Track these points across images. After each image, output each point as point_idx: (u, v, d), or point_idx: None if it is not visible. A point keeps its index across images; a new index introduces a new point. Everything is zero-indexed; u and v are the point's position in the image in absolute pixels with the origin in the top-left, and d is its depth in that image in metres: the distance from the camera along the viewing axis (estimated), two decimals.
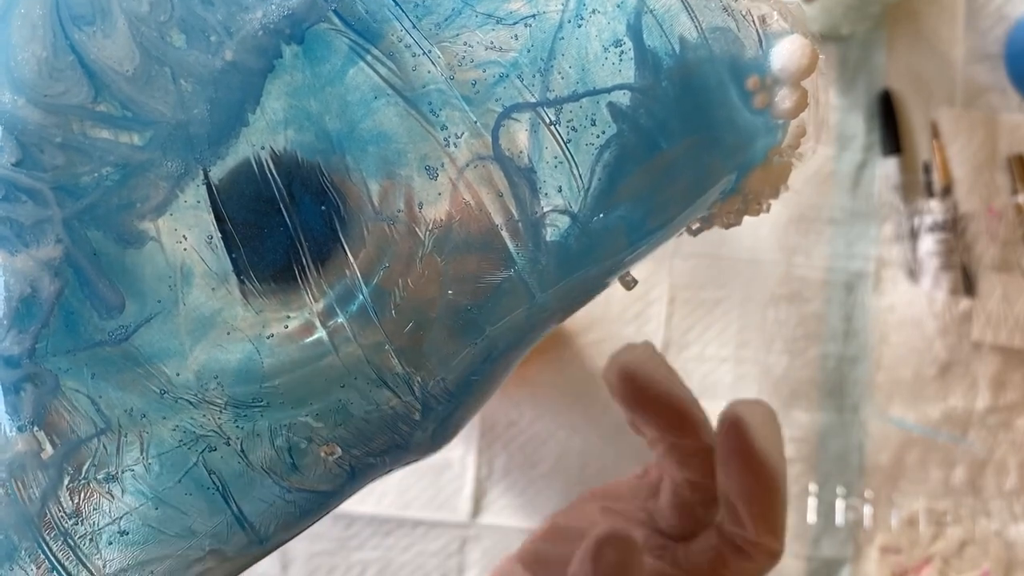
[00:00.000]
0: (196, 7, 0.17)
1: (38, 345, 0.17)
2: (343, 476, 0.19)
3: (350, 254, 0.17)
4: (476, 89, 0.17)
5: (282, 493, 0.18)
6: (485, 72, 0.17)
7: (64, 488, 0.17)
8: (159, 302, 0.17)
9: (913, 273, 0.60)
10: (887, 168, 0.62)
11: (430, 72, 0.17)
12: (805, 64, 0.18)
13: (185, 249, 0.17)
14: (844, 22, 0.61)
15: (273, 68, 0.17)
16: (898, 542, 0.58)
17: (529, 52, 0.17)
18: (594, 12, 0.18)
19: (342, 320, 0.18)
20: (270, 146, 0.17)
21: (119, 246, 0.17)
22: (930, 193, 0.61)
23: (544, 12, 0.18)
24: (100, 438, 0.17)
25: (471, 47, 0.17)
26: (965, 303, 0.60)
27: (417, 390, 0.18)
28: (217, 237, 0.17)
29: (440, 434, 0.19)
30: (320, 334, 0.18)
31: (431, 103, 0.17)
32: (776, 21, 0.19)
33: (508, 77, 0.17)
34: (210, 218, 0.17)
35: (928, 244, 0.60)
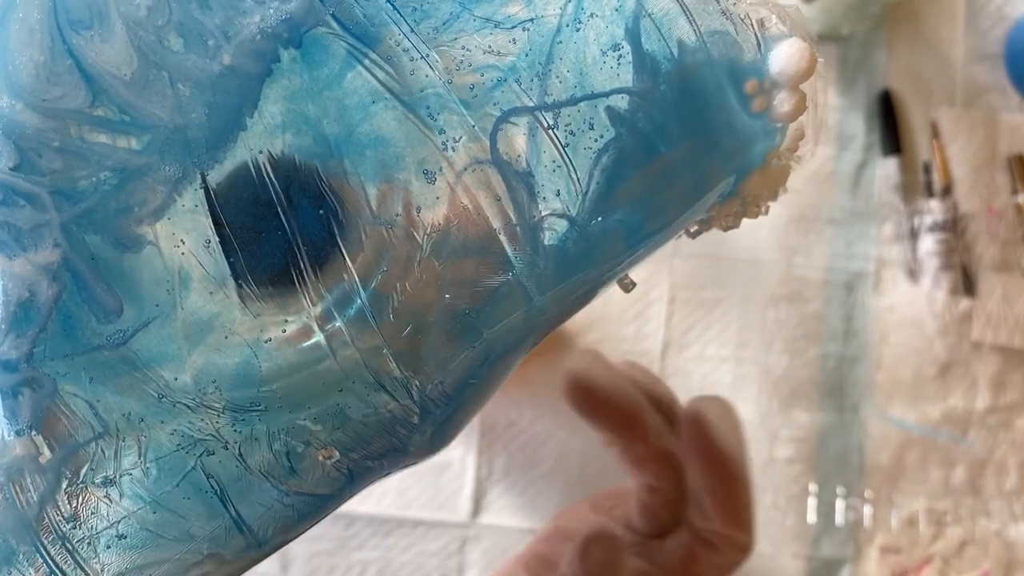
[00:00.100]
0: (194, 11, 0.17)
1: (36, 349, 0.17)
2: (341, 479, 0.19)
3: (348, 258, 0.17)
4: (474, 93, 0.17)
5: (280, 497, 0.18)
6: (483, 76, 0.17)
7: (62, 492, 0.17)
8: (157, 306, 0.17)
9: (913, 273, 0.60)
10: (887, 168, 0.62)
11: (428, 76, 0.17)
12: (804, 68, 0.18)
13: (183, 253, 0.17)
14: (844, 22, 0.61)
15: (271, 72, 0.17)
16: (898, 542, 0.58)
17: (527, 56, 0.17)
18: (592, 16, 0.18)
19: (340, 324, 0.17)
20: (268, 150, 0.17)
21: (117, 250, 0.17)
22: (930, 193, 0.61)
23: (542, 16, 0.17)
24: (98, 442, 0.17)
25: (469, 51, 0.17)
26: (965, 303, 0.60)
27: (415, 394, 0.18)
28: (215, 241, 0.17)
29: (438, 437, 0.19)
30: (318, 338, 0.18)
31: (429, 107, 0.17)
32: (775, 25, 0.19)
33: (506, 81, 0.17)
34: (208, 222, 0.17)
35: (928, 244, 0.60)
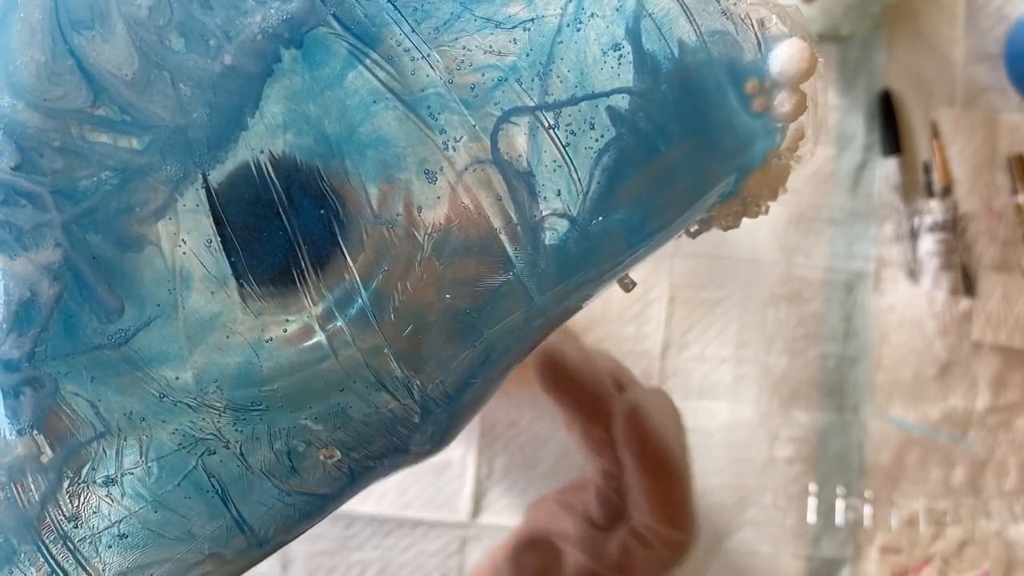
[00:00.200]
0: (195, 11, 0.17)
1: (37, 349, 0.17)
2: (342, 479, 0.19)
3: (349, 258, 0.17)
4: (475, 93, 0.17)
5: (281, 496, 0.18)
6: (484, 76, 0.17)
7: (63, 491, 0.17)
8: (158, 306, 0.17)
9: (913, 273, 0.60)
10: (887, 168, 0.62)
11: (429, 76, 0.17)
12: (804, 67, 0.18)
13: (184, 253, 0.17)
14: (844, 22, 0.61)
15: (272, 72, 0.17)
16: (898, 542, 0.58)
17: (528, 56, 0.17)
18: (593, 16, 0.18)
19: (341, 324, 0.18)
20: (269, 150, 0.17)
21: (118, 250, 0.17)
22: (930, 193, 0.61)
23: (543, 16, 0.18)
24: (99, 441, 0.17)
25: (470, 51, 0.17)
26: (965, 303, 0.60)
27: (416, 393, 0.18)
28: (216, 241, 0.17)
29: (439, 437, 0.19)
30: (319, 338, 0.18)
31: (430, 107, 0.17)
32: (775, 24, 0.19)
33: (507, 81, 0.17)
34: (209, 222, 0.17)
35: (928, 244, 0.60)
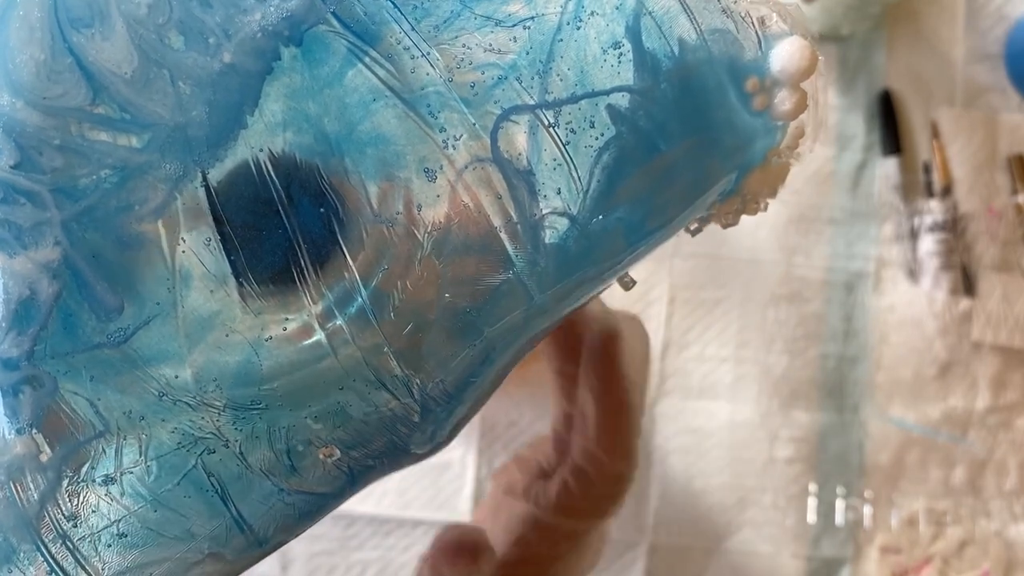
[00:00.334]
0: (194, 9, 0.17)
1: (36, 347, 0.17)
2: (342, 478, 0.19)
3: (349, 256, 0.17)
4: (475, 91, 0.17)
5: (281, 495, 0.18)
6: (484, 74, 0.17)
7: (63, 490, 0.17)
8: (158, 304, 0.17)
9: (913, 273, 0.60)
10: (887, 168, 0.62)
11: (429, 74, 0.17)
12: (804, 66, 0.18)
13: (184, 251, 0.17)
14: (844, 22, 0.61)
15: (272, 70, 0.17)
16: (898, 542, 0.58)
17: (528, 54, 0.17)
18: (593, 14, 0.18)
19: (341, 322, 0.17)
20: (268, 148, 0.17)
21: (117, 248, 0.17)
22: (930, 193, 0.61)
23: (543, 14, 0.17)
24: (99, 440, 0.17)
25: (470, 49, 0.17)
26: (965, 303, 0.60)
27: (416, 392, 0.18)
28: (216, 239, 0.17)
29: (439, 436, 0.19)
30: (319, 336, 0.18)
31: (430, 105, 0.17)
32: (775, 23, 0.19)
33: (507, 79, 0.17)
34: (209, 220, 0.17)
35: (928, 244, 0.60)
